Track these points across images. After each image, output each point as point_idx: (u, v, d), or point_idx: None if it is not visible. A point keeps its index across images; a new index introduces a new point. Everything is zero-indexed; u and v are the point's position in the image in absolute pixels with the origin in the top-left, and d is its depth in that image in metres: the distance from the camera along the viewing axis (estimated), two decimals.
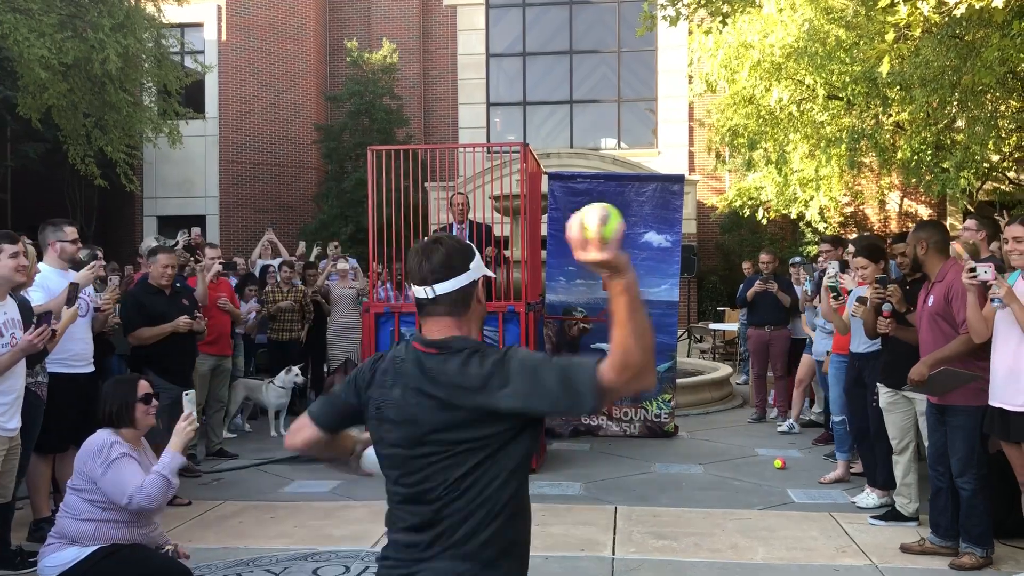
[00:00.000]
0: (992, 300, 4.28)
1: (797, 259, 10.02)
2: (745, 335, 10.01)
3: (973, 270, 4.35)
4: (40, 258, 5.54)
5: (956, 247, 4.97)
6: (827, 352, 7.14)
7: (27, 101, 12.68)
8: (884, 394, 5.45)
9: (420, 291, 2.01)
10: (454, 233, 7.99)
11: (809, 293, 8.15)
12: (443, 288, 1.99)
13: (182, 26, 17.78)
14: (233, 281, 9.31)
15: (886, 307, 5.24)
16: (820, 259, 8.06)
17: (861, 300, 5.73)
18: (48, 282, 5.33)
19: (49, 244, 5.51)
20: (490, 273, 2.05)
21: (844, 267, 6.54)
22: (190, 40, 17.97)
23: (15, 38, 11.12)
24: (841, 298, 5.96)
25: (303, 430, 2.20)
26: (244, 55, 19.15)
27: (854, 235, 16.26)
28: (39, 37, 11.28)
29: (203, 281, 7.27)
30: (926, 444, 5.19)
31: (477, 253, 2.06)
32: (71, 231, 5.55)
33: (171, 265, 6.47)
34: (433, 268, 1.99)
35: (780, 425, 8.83)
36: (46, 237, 5.53)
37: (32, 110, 12.78)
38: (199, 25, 18.97)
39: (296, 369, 8.70)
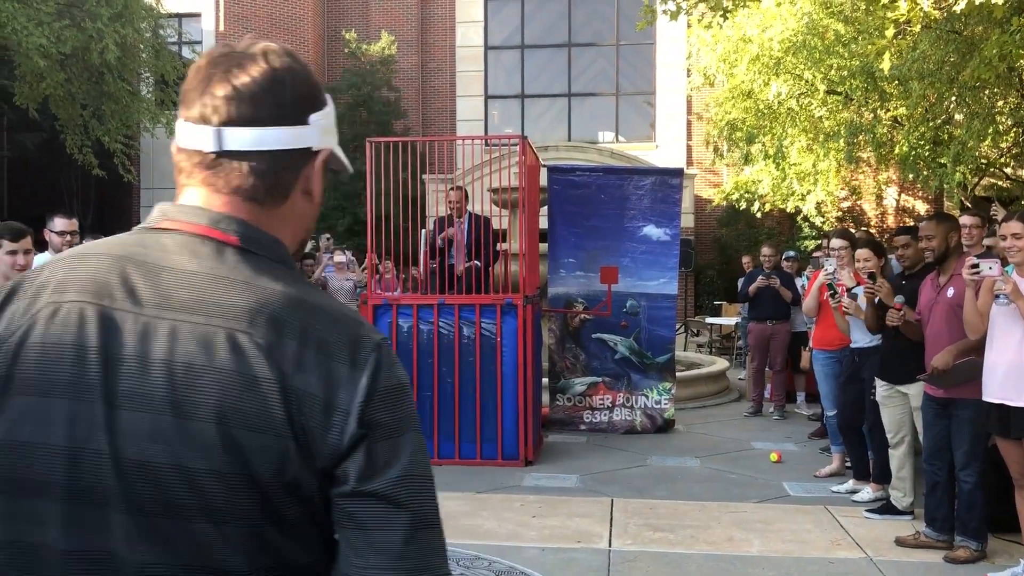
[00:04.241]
0: (997, 296, 4.25)
1: (791, 253, 10.06)
2: (746, 329, 10.05)
3: (976, 266, 4.33)
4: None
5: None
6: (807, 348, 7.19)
7: (24, 90, 12.65)
8: (880, 388, 5.47)
9: (197, 133, 1.06)
10: (454, 228, 7.98)
11: (804, 288, 8.20)
12: (252, 137, 1.05)
13: (180, 16, 17.72)
14: None
15: (898, 300, 5.19)
16: (819, 253, 8.09)
17: (854, 297, 5.76)
18: None
19: (44, 235, 5.51)
20: (344, 158, 1.18)
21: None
22: (188, 30, 17.91)
23: (13, 27, 11.09)
24: (839, 297, 5.90)
25: None
26: None
27: (853, 230, 16.27)
28: (37, 26, 11.25)
29: None
30: (921, 439, 5.21)
31: (331, 102, 1.15)
32: (60, 222, 5.43)
33: None
34: (243, 95, 1.05)
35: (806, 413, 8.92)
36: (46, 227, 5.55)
37: (29, 100, 12.75)
38: (197, 15, 18.92)
39: None
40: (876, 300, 5.28)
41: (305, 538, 0.99)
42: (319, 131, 1.10)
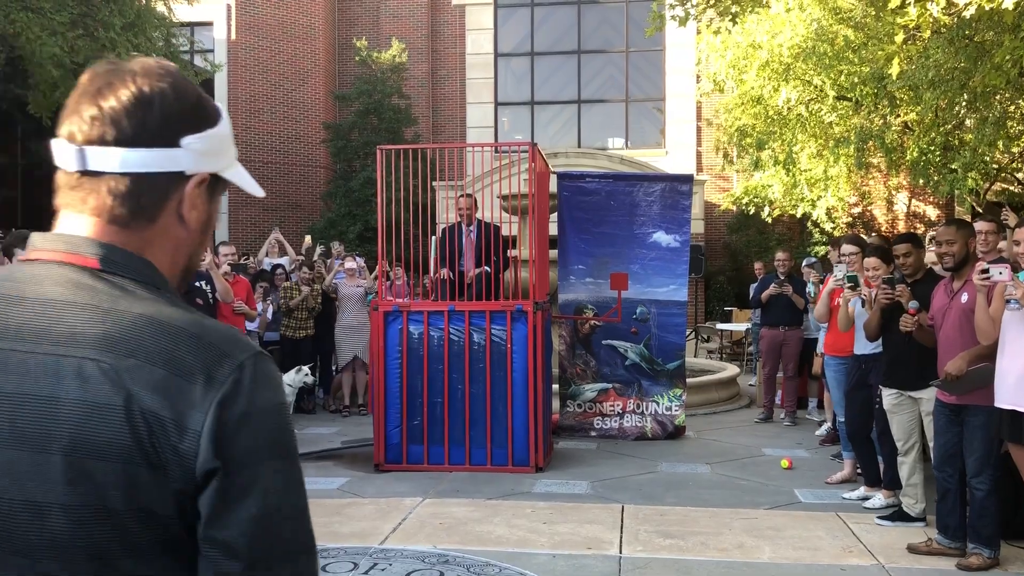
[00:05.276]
0: (1008, 302, 4.24)
1: (812, 260, 10.03)
2: (758, 335, 10.02)
3: (986, 271, 4.32)
4: None
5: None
6: (820, 353, 7.13)
7: (38, 100, 12.75)
8: (888, 396, 5.45)
9: (64, 151, 1.04)
10: (463, 236, 8.02)
11: (812, 296, 8.17)
12: (113, 159, 1.03)
13: (192, 25, 17.85)
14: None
15: (913, 305, 5.16)
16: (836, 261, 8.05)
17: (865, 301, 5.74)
18: None
19: None
20: (244, 182, 1.15)
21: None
22: (200, 39, 18.04)
23: (27, 36, 11.19)
24: (860, 287, 5.83)
25: None
26: (253, 54, 19.22)
27: (864, 235, 16.22)
28: (51, 36, 11.36)
29: (219, 279, 7.39)
30: (931, 445, 5.19)
31: (224, 124, 1.14)
32: None
33: None
34: (107, 116, 1.03)
35: (817, 430, 8.72)
36: None
37: (43, 109, 12.85)
38: (209, 24, 19.04)
39: (306, 369, 8.77)
40: (887, 303, 5.25)
41: (162, 567, 0.96)
42: (194, 155, 1.07)
